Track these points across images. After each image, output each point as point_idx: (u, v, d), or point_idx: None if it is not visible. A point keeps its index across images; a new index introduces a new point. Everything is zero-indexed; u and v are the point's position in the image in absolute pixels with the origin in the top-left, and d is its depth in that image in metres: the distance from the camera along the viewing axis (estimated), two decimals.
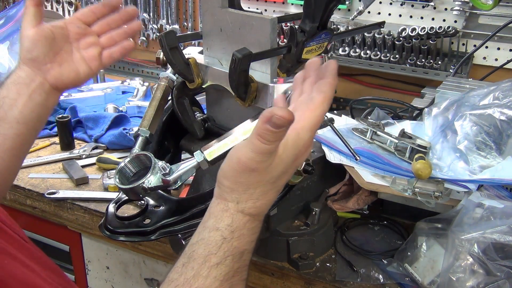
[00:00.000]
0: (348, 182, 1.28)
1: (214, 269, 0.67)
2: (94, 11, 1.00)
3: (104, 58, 1.00)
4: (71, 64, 0.96)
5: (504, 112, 1.13)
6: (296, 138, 0.69)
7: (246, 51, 0.85)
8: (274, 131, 0.63)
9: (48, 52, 0.93)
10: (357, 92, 1.83)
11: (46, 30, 0.93)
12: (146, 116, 1.09)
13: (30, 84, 0.92)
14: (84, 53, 0.98)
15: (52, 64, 0.94)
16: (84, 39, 0.99)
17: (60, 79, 0.95)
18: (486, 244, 0.93)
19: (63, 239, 1.54)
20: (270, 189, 0.70)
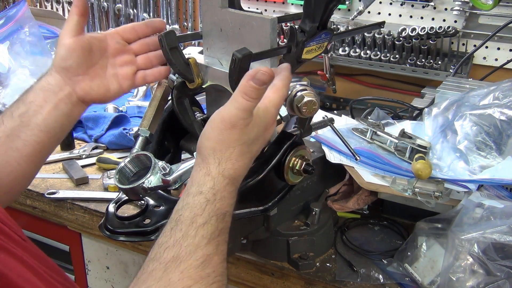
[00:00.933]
0: (348, 182, 1.28)
1: (201, 228, 0.71)
2: (136, 29, 0.99)
3: (137, 79, 1.00)
4: (103, 80, 0.95)
5: (504, 112, 1.13)
6: (265, 109, 0.78)
7: (246, 51, 0.85)
8: (257, 87, 0.73)
9: (82, 64, 0.92)
10: (357, 92, 1.83)
11: (84, 41, 0.92)
12: (146, 116, 1.09)
13: (58, 93, 0.91)
14: (118, 70, 0.97)
15: (84, 77, 0.93)
16: (121, 56, 0.97)
17: (89, 93, 0.94)
18: (486, 244, 0.93)
19: (63, 239, 1.54)
20: (246, 152, 0.77)
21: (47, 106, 0.90)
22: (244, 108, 0.74)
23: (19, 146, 0.89)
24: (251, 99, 0.74)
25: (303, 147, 0.97)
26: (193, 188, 0.75)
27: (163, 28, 1.01)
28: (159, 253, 0.71)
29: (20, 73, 1.90)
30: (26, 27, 2.05)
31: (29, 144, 0.90)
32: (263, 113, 0.78)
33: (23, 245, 0.71)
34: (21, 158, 0.90)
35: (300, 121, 0.97)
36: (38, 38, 2.05)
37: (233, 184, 0.77)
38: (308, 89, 0.90)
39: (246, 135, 0.76)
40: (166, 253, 0.70)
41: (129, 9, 2.19)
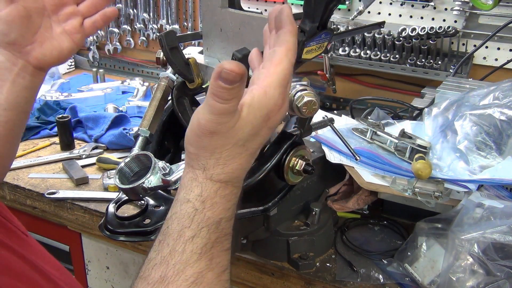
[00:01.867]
0: (348, 182, 1.28)
1: (189, 243, 0.64)
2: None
3: (86, 28, 0.92)
4: (53, 41, 0.88)
5: (504, 112, 1.13)
6: (263, 97, 0.65)
7: (246, 51, 0.85)
8: (227, 87, 0.59)
9: (26, 33, 0.85)
10: (357, 92, 1.83)
11: (20, 9, 0.83)
12: (146, 116, 1.09)
13: (12, 68, 0.86)
14: (64, 26, 0.90)
15: (32, 45, 0.86)
16: (62, 10, 0.89)
17: (43, 59, 0.88)
18: (486, 244, 0.93)
19: (63, 239, 1.54)
20: (239, 153, 0.66)
21: (4, 84, 0.86)
22: (220, 111, 0.62)
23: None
24: (224, 101, 0.61)
25: (303, 147, 0.97)
26: (181, 193, 0.67)
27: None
28: (147, 270, 0.66)
29: None
30: None
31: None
32: (259, 101, 0.65)
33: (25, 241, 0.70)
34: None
35: (300, 121, 0.97)
36: None
37: (227, 187, 0.67)
38: (308, 89, 0.90)
39: (233, 138, 0.65)
40: (154, 272, 0.65)
41: (129, 9, 2.19)
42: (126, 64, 2.36)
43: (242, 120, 0.64)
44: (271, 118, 0.67)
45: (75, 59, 2.37)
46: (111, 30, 2.26)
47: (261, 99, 0.65)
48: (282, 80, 0.66)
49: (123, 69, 2.37)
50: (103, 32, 2.29)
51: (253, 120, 0.65)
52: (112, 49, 2.30)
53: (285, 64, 0.66)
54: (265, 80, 0.65)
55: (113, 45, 2.30)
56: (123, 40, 2.27)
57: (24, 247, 0.68)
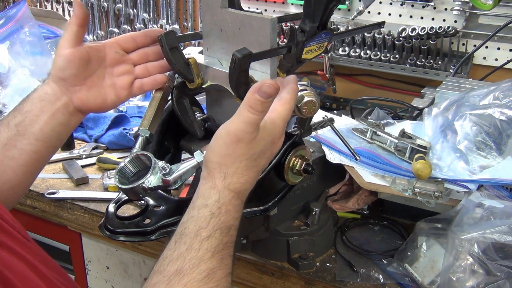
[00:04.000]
0: (348, 182, 1.28)
1: (205, 241, 0.71)
2: (135, 38, 0.97)
3: (134, 88, 0.99)
4: (100, 90, 0.94)
5: (504, 112, 1.13)
6: (272, 122, 0.78)
7: (246, 51, 0.85)
8: (262, 100, 0.72)
9: (80, 74, 0.91)
10: (357, 92, 1.83)
11: (83, 52, 0.91)
12: (146, 116, 1.09)
13: (55, 103, 0.91)
14: (116, 80, 0.96)
15: (81, 87, 0.92)
16: (119, 66, 0.96)
17: (85, 103, 0.93)
18: (486, 244, 0.93)
19: (63, 239, 1.54)
20: (252, 166, 0.77)
21: (43, 115, 0.90)
22: (250, 121, 0.73)
23: (15, 155, 0.89)
24: (257, 112, 0.73)
25: (303, 147, 0.97)
26: (198, 201, 0.75)
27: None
28: (163, 266, 0.71)
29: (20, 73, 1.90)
30: (26, 27, 2.05)
31: (26, 153, 0.90)
32: (270, 126, 0.77)
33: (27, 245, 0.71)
34: (17, 167, 0.90)
35: (300, 121, 0.97)
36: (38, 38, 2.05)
37: (238, 198, 0.76)
38: (308, 89, 0.90)
39: (252, 149, 0.75)
40: (170, 266, 0.70)
41: (129, 9, 2.19)
42: None
43: (259, 136, 0.75)
44: (275, 143, 0.80)
45: None
46: (111, 30, 2.26)
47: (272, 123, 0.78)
48: (285, 116, 0.80)
49: None
50: (103, 32, 2.29)
51: (266, 138, 0.77)
52: None
53: (289, 106, 0.80)
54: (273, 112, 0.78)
55: None
56: None
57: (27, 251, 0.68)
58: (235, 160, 0.75)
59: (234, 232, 0.76)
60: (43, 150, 0.92)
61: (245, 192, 0.78)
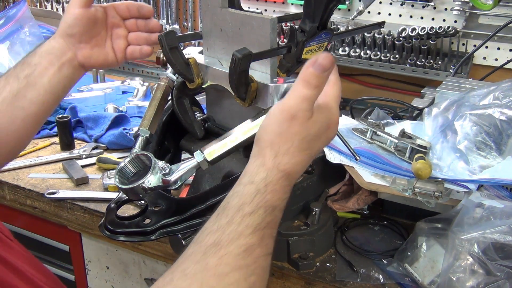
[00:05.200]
0: (348, 182, 1.28)
1: (247, 217, 0.69)
2: (129, 8, 1.06)
3: (127, 53, 1.07)
4: (102, 50, 1.04)
5: (504, 112, 1.13)
6: (326, 104, 0.74)
7: (246, 51, 0.85)
8: (318, 74, 0.68)
9: (86, 33, 1.00)
10: (357, 92, 1.83)
11: (91, 13, 1.00)
12: (146, 116, 1.09)
13: (61, 57, 0.99)
14: (114, 42, 1.06)
15: (86, 45, 1.01)
16: (117, 30, 1.06)
17: (89, 60, 1.02)
18: (486, 244, 0.93)
19: (63, 239, 1.54)
20: (306, 148, 0.73)
21: (51, 68, 0.98)
22: (305, 97, 0.70)
23: (25, 105, 0.96)
24: (312, 87, 0.69)
25: None
26: (245, 178, 0.73)
27: (151, 15, 1.08)
28: (201, 237, 0.69)
29: None
30: (26, 27, 2.05)
31: (35, 103, 0.97)
32: (325, 109, 0.74)
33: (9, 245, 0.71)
34: (26, 117, 0.97)
35: None
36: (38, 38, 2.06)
37: (287, 179, 0.73)
38: None
39: (306, 130, 0.72)
40: (208, 237, 0.68)
41: None
42: (126, 64, 2.36)
43: (314, 118, 0.72)
44: (330, 127, 0.75)
45: None
46: None
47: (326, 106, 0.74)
48: (337, 97, 0.76)
49: (123, 69, 2.37)
50: None
51: (320, 121, 0.73)
52: None
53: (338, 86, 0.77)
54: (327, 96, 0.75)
55: None
56: None
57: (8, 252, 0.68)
58: (288, 139, 0.71)
59: (279, 213, 0.73)
60: (51, 101, 0.99)
61: (295, 174, 0.74)
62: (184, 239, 0.93)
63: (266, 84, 0.93)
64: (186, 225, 0.94)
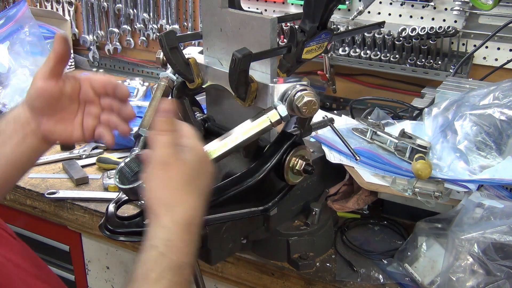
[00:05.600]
0: (348, 182, 1.28)
1: (154, 284, 0.67)
2: (105, 86, 0.94)
3: (95, 134, 0.96)
4: (68, 126, 0.93)
5: (504, 112, 1.13)
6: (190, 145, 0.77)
7: (246, 51, 0.85)
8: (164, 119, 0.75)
9: (48, 107, 0.90)
10: (357, 92, 1.83)
11: (55, 87, 0.88)
12: (146, 116, 1.09)
13: (26, 126, 0.90)
14: (85, 120, 0.95)
15: (49, 118, 0.91)
16: (89, 106, 0.95)
17: (52, 134, 0.92)
18: (486, 244, 0.93)
19: (63, 239, 1.54)
20: (191, 190, 0.74)
21: (15, 137, 0.90)
22: (165, 142, 0.74)
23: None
24: (167, 132, 0.74)
25: (303, 147, 0.97)
26: (147, 242, 0.72)
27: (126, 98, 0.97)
28: None
29: (20, 73, 1.90)
30: (26, 27, 2.05)
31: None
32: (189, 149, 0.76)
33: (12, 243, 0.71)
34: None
35: (300, 121, 0.97)
36: (38, 38, 2.06)
37: (188, 231, 0.72)
38: (308, 89, 0.90)
39: (182, 171, 0.74)
40: None
41: (129, 9, 2.19)
42: (126, 64, 2.36)
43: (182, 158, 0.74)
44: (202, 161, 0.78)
45: (75, 59, 2.37)
46: (111, 30, 2.26)
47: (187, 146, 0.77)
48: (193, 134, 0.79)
49: (123, 69, 2.37)
50: (103, 32, 2.29)
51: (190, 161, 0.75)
52: (112, 49, 2.30)
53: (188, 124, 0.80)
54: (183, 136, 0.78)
55: (113, 45, 2.30)
56: (123, 40, 2.27)
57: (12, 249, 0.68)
58: (172, 187, 0.73)
59: (188, 268, 0.72)
60: (14, 173, 0.92)
61: (195, 219, 0.74)
62: None
63: (266, 84, 0.93)
64: None
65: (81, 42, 2.34)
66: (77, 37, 2.35)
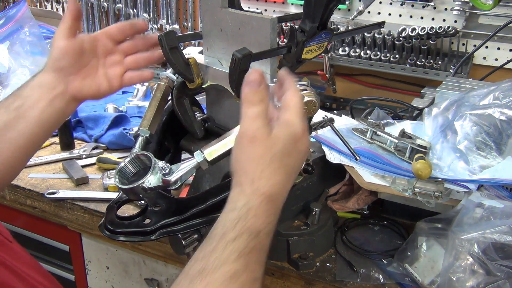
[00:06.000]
0: (348, 182, 1.28)
1: (230, 243, 0.68)
2: (122, 30, 1.01)
3: (124, 79, 1.03)
4: (94, 79, 0.99)
5: (504, 112, 1.13)
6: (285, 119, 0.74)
7: (246, 51, 0.85)
8: (253, 90, 0.71)
9: (74, 65, 0.96)
10: (357, 92, 1.83)
11: (77, 44, 0.95)
12: (146, 116, 1.09)
13: (52, 90, 0.95)
14: (108, 70, 1.01)
15: (75, 76, 0.97)
16: (110, 57, 1.01)
17: (80, 92, 0.98)
18: (486, 244, 0.93)
19: (63, 239, 1.54)
20: (279, 167, 0.72)
21: (42, 101, 0.94)
22: (255, 115, 0.72)
23: (14, 137, 0.93)
24: (255, 104, 0.72)
25: None
26: (227, 206, 0.73)
27: (146, 28, 1.04)
28: (188, 266, 0.70)
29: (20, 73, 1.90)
30: (26, 27, 2.05)
31: (24, 136, 0.94)
32: (283, 123, 0.74)
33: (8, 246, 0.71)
34: (15, 149, 0.94)
35: None
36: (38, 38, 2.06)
37: (269, 202, 0.72)
38: (308, 89, 0.90)
39: (271, 148, 0.72)
40: (194, 266, 0.69)
41: (129, 9, 2.19)
42: None
43: (274, 134, 0.72)
44: (297, 141, 0.74)
45: None
46: None
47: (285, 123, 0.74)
48: (298, 110, 0.75)
49: None
50: None
51: (284, 137, 0.73)
52: None
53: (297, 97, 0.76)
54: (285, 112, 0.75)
55: None
56: None
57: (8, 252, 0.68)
58: (258, 163, 0.72)
59: (265, 238, 0.72)
60: (41, 134, 0.96)
61: (278, 195, 0.74)
62: (184, 239, 0.93)
63: None
64: (186, 225, 0.94)
65: None
66: None
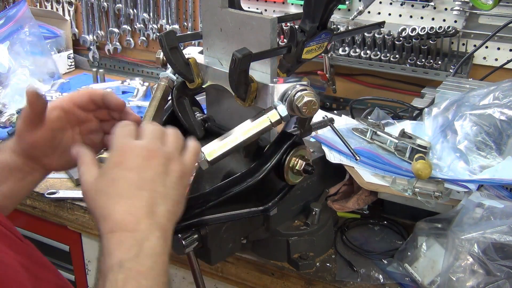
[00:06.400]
0: (348, 182, 1.28)
1: None
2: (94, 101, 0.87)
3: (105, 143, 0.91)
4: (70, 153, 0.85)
5: (504, 112, 1.13)
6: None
7: (246, 51, 0.85)
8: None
9: (47, 151, 0.86)
10: (357, 92, 1.83)
11: (45, 133, 0.84)
12: (146, 116, 1.09)
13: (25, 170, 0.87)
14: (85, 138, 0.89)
15: (51, 157, 0.87)
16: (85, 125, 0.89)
17: (61, 166, 0.90)
18: (486, 244, 0.93)
19: (63, 239, 1.53)
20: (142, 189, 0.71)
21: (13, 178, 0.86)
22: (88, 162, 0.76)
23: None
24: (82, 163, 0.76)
25: (303, 147, 0.97)
26: None
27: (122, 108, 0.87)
28: None
29: (20, 73, 1.90)
30: (26, 27, 2.05)
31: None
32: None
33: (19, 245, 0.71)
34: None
35: (300, 121, 0.97)
36: (38, 38, 2.06)
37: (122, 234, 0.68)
38: (308, 89, 0.90)
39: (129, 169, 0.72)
40: None
41: (129, 9, 2.19)
42: (126, 64, 2.36)
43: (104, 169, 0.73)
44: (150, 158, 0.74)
45: (75, 59, 2.37)
46: (111, 30, 2.26)
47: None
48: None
49: (123, 69, 2.37)
50: (103, 32, 2.29)
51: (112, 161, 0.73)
52: (112, 49, 2.30)
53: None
54: None
55: (113, 45, 2.30)
56: (123, 40, 2.27)
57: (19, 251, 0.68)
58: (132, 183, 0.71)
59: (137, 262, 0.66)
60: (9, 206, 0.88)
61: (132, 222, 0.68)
62: (184, 239, 0.93)
63: (266, 84, 0.93)
64: (186, 225, 0.94)
65: (81, 42, 2.34)
66: (77, 37, 2.35)
